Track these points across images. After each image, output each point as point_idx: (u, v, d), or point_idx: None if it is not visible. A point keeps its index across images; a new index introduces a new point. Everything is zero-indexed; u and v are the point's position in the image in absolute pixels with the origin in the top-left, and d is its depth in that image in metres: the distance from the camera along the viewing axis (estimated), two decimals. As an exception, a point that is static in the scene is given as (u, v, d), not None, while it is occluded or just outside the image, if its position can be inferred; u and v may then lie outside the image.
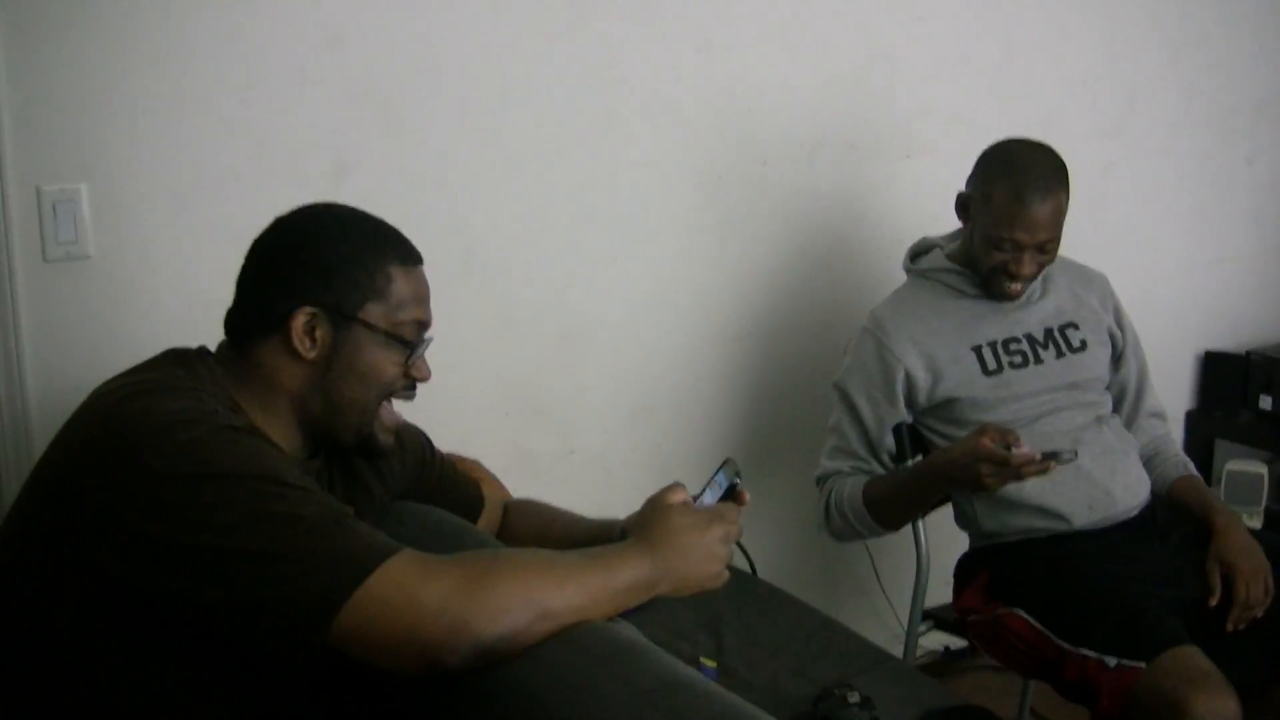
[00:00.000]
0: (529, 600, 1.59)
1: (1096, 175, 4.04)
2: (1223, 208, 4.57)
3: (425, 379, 1.98)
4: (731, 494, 2.04)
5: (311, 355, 1.85)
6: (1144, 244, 4.32)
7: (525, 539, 2.37)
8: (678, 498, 1.93)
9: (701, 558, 1.82)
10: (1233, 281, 4.65)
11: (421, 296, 1.95)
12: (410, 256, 1.95)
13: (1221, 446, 4.56)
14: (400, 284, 1.90)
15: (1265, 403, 4.38)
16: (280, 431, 1.86)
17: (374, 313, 1.88)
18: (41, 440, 1.78)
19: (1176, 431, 4.45)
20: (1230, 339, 4.61)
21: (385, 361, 1.90)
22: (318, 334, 1.85)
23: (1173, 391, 4.50)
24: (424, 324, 1.95)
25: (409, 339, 1.91)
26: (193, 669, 1.67)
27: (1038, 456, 2.57)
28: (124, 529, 1.58)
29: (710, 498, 2.01)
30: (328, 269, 1.86)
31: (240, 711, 1.73)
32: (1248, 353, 4.47)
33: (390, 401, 1.97)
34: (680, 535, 1.81)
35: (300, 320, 1.84)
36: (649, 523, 1.85)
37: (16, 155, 2.51)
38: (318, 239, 1.90)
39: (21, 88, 2.49)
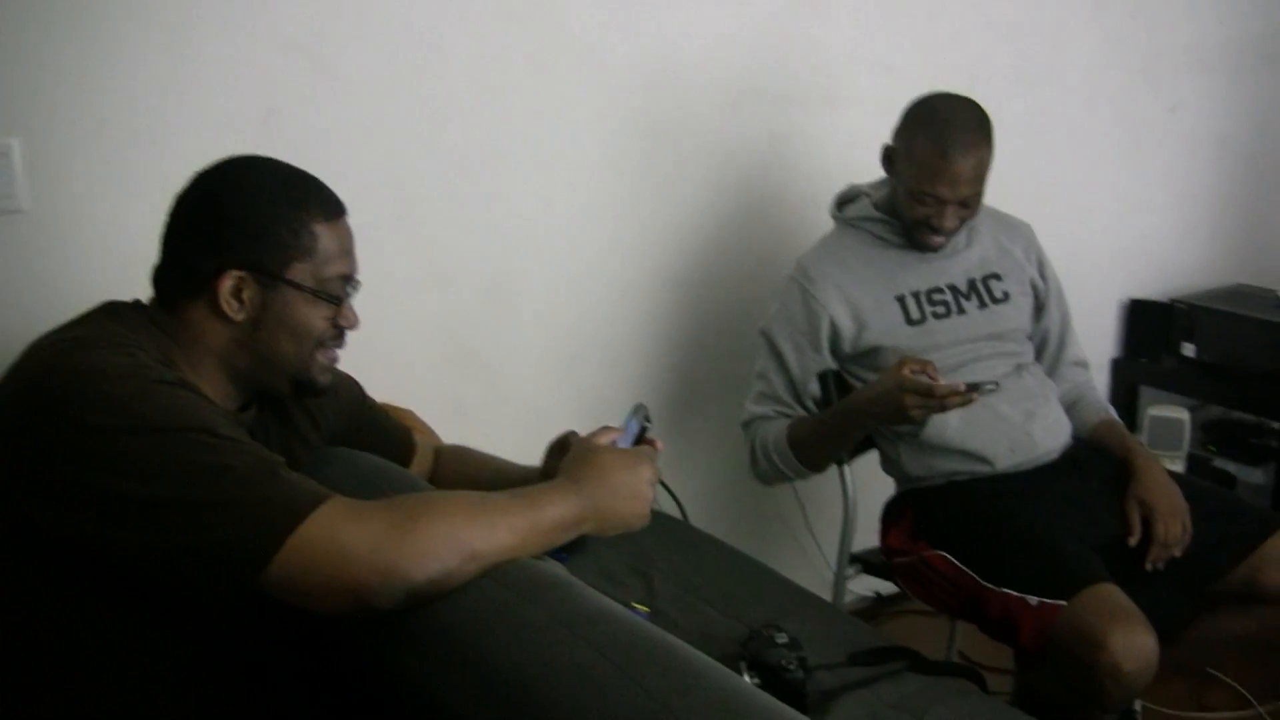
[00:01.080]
0: (457, 541, 1.62)
1: (1021, 124, 4.07)
2: (1146, 157, 4.63)
3: (353, 327, 2.00)
4: (642, 439, 2.07)
5: (240, 317, 1.86)
6: (1069, 193, 4.37)
7: (456, 484, 2.39)
8: (606, 438, 1.98)
9: (628, 496, 1.87)
10: (1157, 230, 4.72)
11: (346, 249, 1.96)
12: (334, 209, 1.95)
13: (1146, 393, 4.65)
14: (325, 240, 1.90)
15: (1188, 350, 4.46)
16: (212, 385, 1.87)
17: (301, 271, 1.88)
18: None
19: (1102, 378, 4.56)
20: (1155, 287, 4.68)
21: (313, 317, 1.91)
22: (245, 295, 1.85)
23: (1098, 339, 4.59)
24: (349, 276, 1.96)
25: (336, 294, 1.93)
26: (131, 616, 1.69)
27: (961, 387, 2.63)
28: (58, 482, 1.60)
29: (624, 443, 2.04)
30: (252, 229, 1.86)
31: (178, 655, 1.75)
32: (1171, 300, 4.55)
33: (329, 347, 1.98)
34: (608, 474, 1.86)
35: (227, 283, 1.84)
36: (576, 463, 1.89)
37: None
38: (240, 197, 1.89)
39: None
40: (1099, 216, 4.52)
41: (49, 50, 2.57)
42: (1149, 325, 4.61)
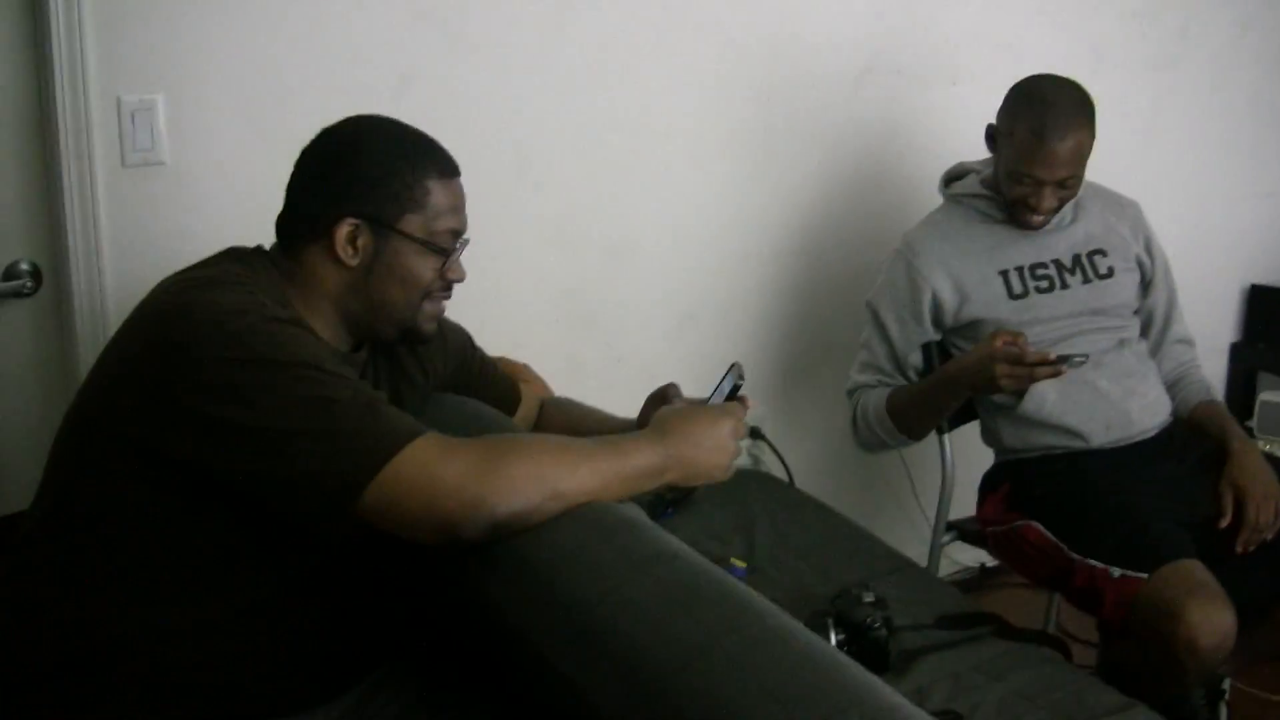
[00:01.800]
0: (541, 480, 1.71)
1: (1146, 107, 4.09)
2: (1273, 143, 4.59)
3: (460, 279, 2.10)
4: (735, 396, 2.13)
5: (354, 263, 1.97)
6: (1192, 177, 4.35)
7: (558, 432, 2.43)
8: (673, 393, 2.10)
9: (712, 448, 1.91)
10: (1280, 217, 4.69)
11: (457, 206, 2.06)
12: (448, 168, 2.05)
13: (1264, 379, 4.61)
14: (437, 195, 2.01)
15: (1309, 336, 4.42)
16: (324, 326, 1.98)
17: (413, 223, 1.99)
18: (116, 327, 1.92)
19: (1221, 362, 4.52)
20: (1277, 273, 4.65)
21: (422, 267, 2.01)
22: (359, 243, 1.96)
23: (1218, 323, 4.57)
24: (459, 232, 2.06)
25: (444, 247, 2.03)
26: (237, 536, 1.80)
27: (1051, 356, 2.68)
28: (176, 408, 1.71)
29: (718, 398, 2.10)
30: (369, 181, 1.97)
31: (280, 573, 1.86)
32: (1293, 287, 4.51)
33: (436, 298, 2.08)
34: (692, 426, 1.91)
35: (344, 230, 1.95)
36: (664, 415, 1.95)
37: (99, 67, 2.63)
38: (360, 152, 2.00)
39: (105, 4, 2.61)
40: (1223, 201, 4.49)
41: (193, 11, 2.70)
42: (1270, 311, 4.59)
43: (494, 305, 2.39)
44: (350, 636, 1.99)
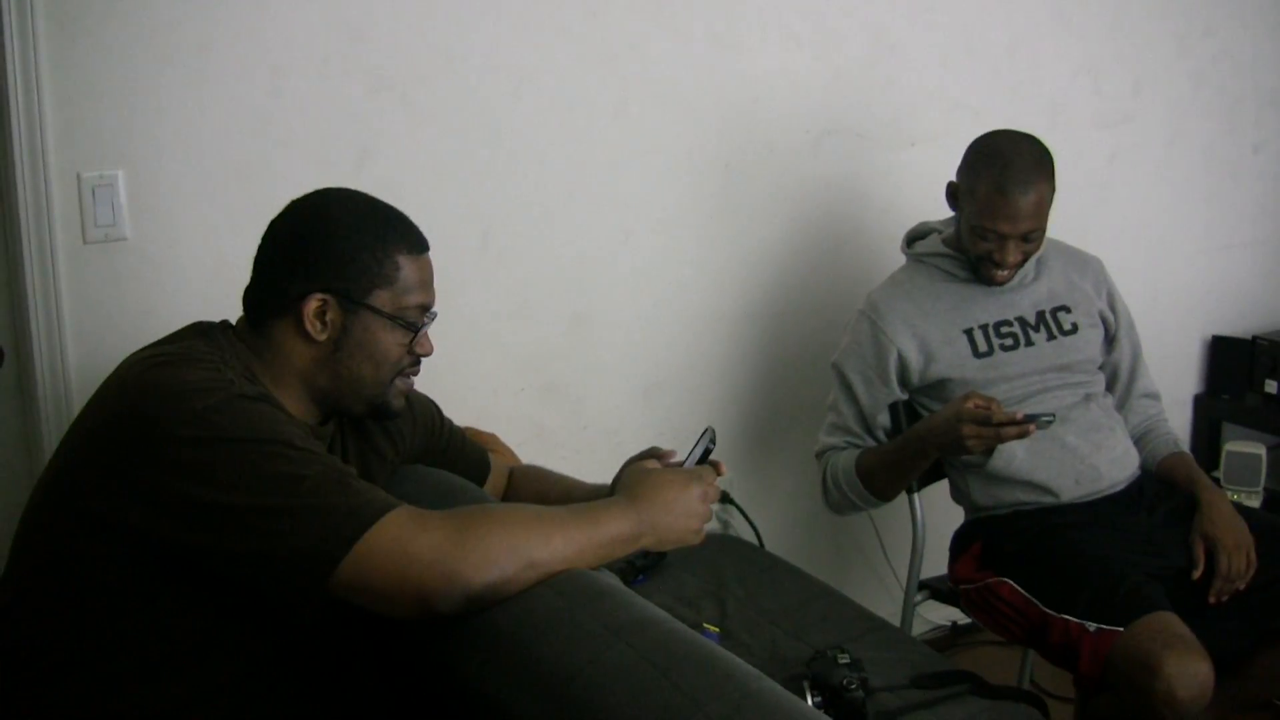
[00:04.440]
0: (516, 551, 1.71)
1: (1101, 163, 4.12)
2: (1229, 195, 4.63)
3: (428, 354, 2.09)
4: (706, 459, 2.13)
5: (322, 338, 1.96)
6: (1151, 231, 4.39)
7: (527, 501, 2.45)
8: (653, 462, 2.08)
9: (683, 513, 1.92)
10: (1240, 268, 4.72)
11: (426, 281, 2.05)
12: (417, 244, 2.05)
13: (1228, 429, 4.64)
14: (407, 271, 2.01)
15: (1271, 387, 4.45)
16: (292, 401, 1.97)
17: (382, 298, 1.98)
18: (80, 404, 1.91)
19: (1184, 414, 4.56)
20: (1237, 324, 4.68)
21: (391, 342, 2.00)
22: (328, 318, 1.96)
23: (1180, 375, 4.60)
24: (427, 306, 2.06)
25: (413, 321, 2.02)
26: (210, 617, 1.79)
27: (1018, 416, 2.69)
28: (143, 486, 1.70)
29: (690, 463, 2.09)
30: (339, 257, 1.96)
31: (253, 655, 1.85)
32: (1254, 337, 4.55)
33: (407, 375, 2.08)
34: (663, 492, 1.92)
35: (312, 305, 1.95)
36: (634, 481, 1.96)
37: (59, 143, 2.64)
38: (330, 226, 1.99)
39: (63, 79, 2.61)
40: (1181, 254, 4.53)
41: (152, 87, 2.70)
42: (1231, 362, 4.61)
43: (459, 375, 2.39)
44: (326, 712, 1.97)
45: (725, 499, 3.51)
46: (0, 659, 1.85)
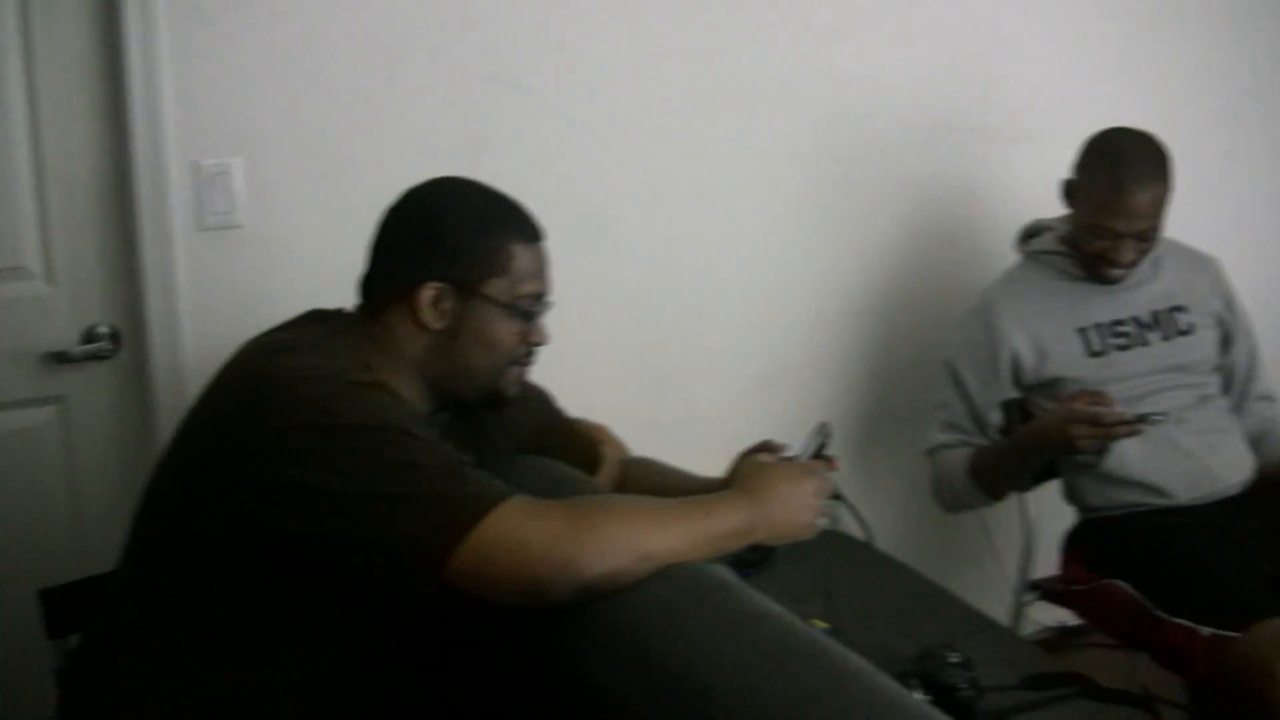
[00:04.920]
0: (631, 542, 1.70)
1: (1213, 163, 4.05)
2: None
3: (544, 343, 2.10)
4: (821, 455, 2.13)
5: (437, 326, 1.97)
6: (1265, 230, 4.31)
7: (641, 493, 2.39)
8: (766, 455, 2.09)
9: (796, 507, 1.94)
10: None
11: (540, 270, 2.06)
12: (532, 234, 2.06)
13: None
14: (522, 260, 2.01)
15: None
16: (406, 388, 1.96)
17: (496, 287, 1.99)
18: (194, 391, 1.93)
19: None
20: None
21: (505, 331, 2.01)
22: (443, 306, 1.97)
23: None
24: (541, 295, 2.06)
25: (528, 310, 2.03)
26: (320, 602, 1.80)
27: (1129, 416, 2.66)
28: (261, 473, 1.72)
29: (803, 457, 2.11)
30: (455, 246, 1.98)
31: (361, 641, 1.86)
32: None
33: (522, 364, 2.09)
34: (777, 485, 1.93)
35: (427, 294, 1.96)
36: (747, 474, 1.97)
37: (177, 131, 2.68)
38: (446, 215, 2.01)
39: (182, 69, 2.66)
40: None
41: (269, 76, 2.75)
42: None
43: (570, 366, 2.40)
44: (437, 700, 1.99)
45: (834, 495, 3.50)
46: (118, 637, 1.88)
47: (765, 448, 2.21)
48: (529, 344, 2.07)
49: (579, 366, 2.87)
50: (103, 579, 2.02)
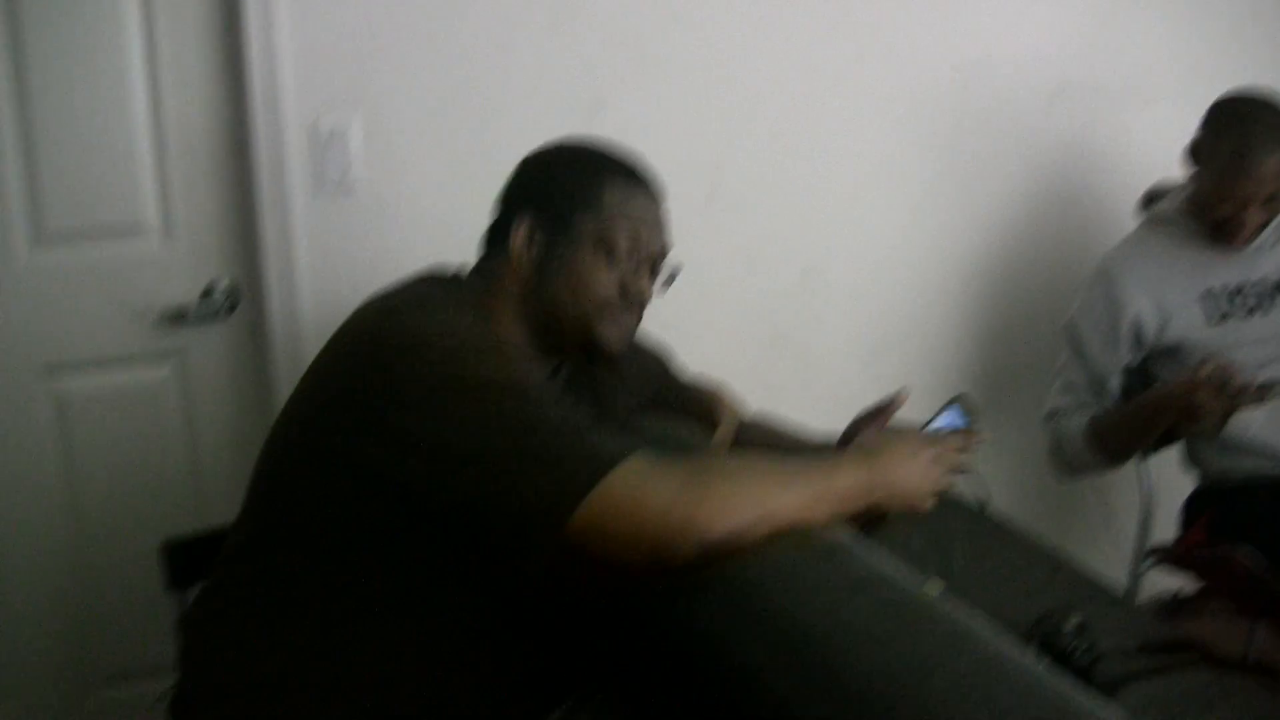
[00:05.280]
0: (752, 502, 1.69)
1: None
2: None
3: (643, 298, 2.06)
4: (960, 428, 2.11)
5: (529, 261, 1.99)
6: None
7: (756, 451, 2.44)
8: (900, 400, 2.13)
9: (918, 475, 1.91)
10: None
11: (643, 218, 2.04)
12: (636, 179, 2.05)
13: None
14: (616, 198, 2.01)
15: None
16: (522, 339, 1.99)
17: (585, 220, 1.99)
18: (313, 347, 1.95)
19: None
20: None
21: (595, 271, 2.00)
22: (535, 241, 1.99)
23: None
24: (641, 242, 2.03)
25: (617, 248, 2.00)
26: (441, 556, 1.80)
27: (1254, 384, 2.63)
28: (383, 427, 1.73)
29: (932, 427, 2.09)
30: (550, 182, 2.02)
31: (479, 602, 1.86)
32: None
33: (617, 310, 2.04)
34: (899, 450, 1.91)
35: (522, 230, 1.98)
36: (874, 438, 1.97)
37: (296, 92, 2.72)
38: (554, 159, 2.05)
39: (299, 30, 2.69)
40: None
41: (388, 38, 2.76)
42: None
43: (685, 325, 2.41)
44: (553, 658, 1.99)
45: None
46: (234, 591, 1.92)
47: (885, 408, 2.21)
48: (626, 294, 2.04)
49: (693, 324, 2.89)
50: (222, 533, 2.05)
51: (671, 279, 2.11)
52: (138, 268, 2.78)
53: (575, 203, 1.99)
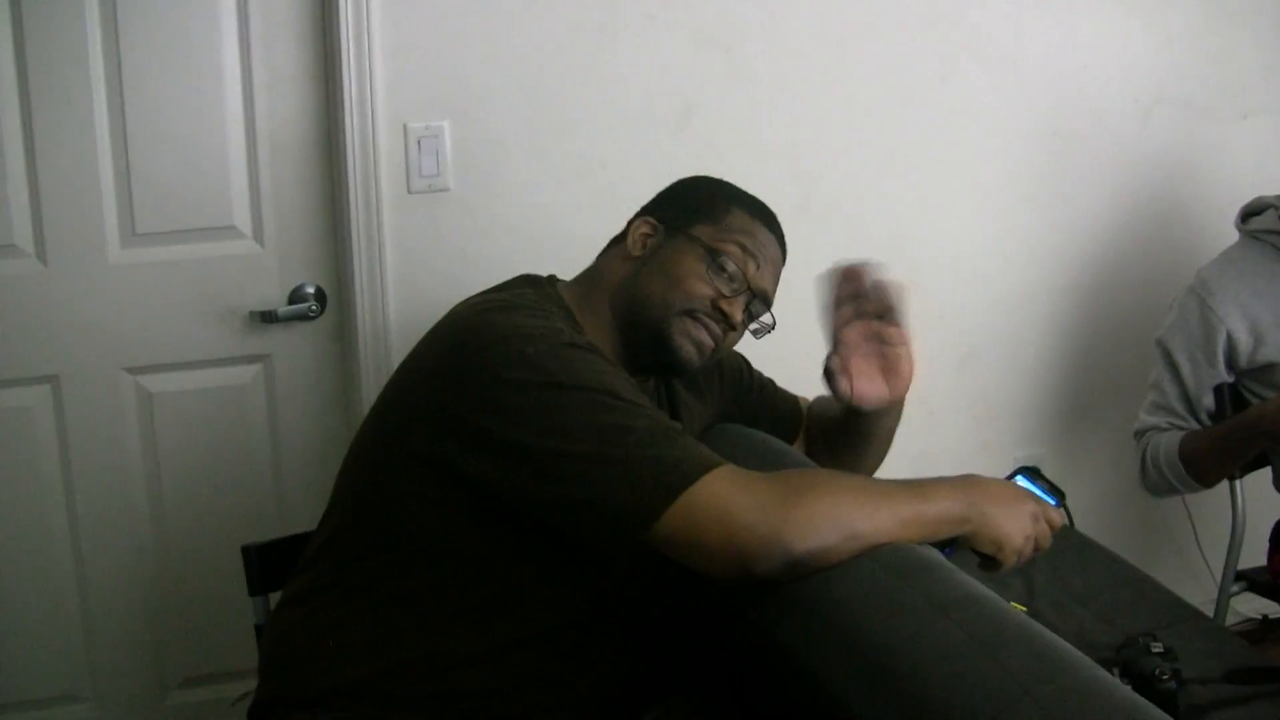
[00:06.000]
0: (840, 520, 1.66)
1: None
2: None
3: (729, 320, 2.06)
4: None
5: (637, 253, 2.05)
6: None
7: (821, 427, 2.48)
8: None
9: (1013, 523, 1.81)
10: None
11: (757, 252, 2.09)
12: (766, 218, 2.13)
13: None
14: (739, 223, 2.08)
15: None
16: (610, 347, 1.99)
17: (703, 230, 2.05)
18: (399, 351, 1.95)
19: None
20: None
21: (693, 267, 2.03)
22: (650, 239, 2.06)
23: None
24: (748, 271, 2.06)
25: (725, 266, 2.03)
26: (527, 561, 1.82)
27: None
28: (470, 427, 1.75)
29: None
30: (683, 195, 2.12)
31: (563, 605, 1.87)
32: None
33: (701, 321, 2.04)
34: (1003, 491, 1.85)
35: (642, 227, 2.06)
36: (977, 474, 1.87)
37: (387, 94, 2.72)
38: (692, 181, 2.16)
39: (393, 32, 2.70)
40: None
41: (479, 40, 2.76)
42: None
43: (778, 334, 2.38)
44: (636, 667, 1.98)
45: (1035, 473, 3.47)
46: (319, 596, 1.92)
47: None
48: (714, 308, 2.04)
49: (786, 333, 2.86)
50: (303, 538, 2.07)
51: (761, 329, 2.16)
52: (227, 269, 2.80)
53: (700, 214, 2.06)
